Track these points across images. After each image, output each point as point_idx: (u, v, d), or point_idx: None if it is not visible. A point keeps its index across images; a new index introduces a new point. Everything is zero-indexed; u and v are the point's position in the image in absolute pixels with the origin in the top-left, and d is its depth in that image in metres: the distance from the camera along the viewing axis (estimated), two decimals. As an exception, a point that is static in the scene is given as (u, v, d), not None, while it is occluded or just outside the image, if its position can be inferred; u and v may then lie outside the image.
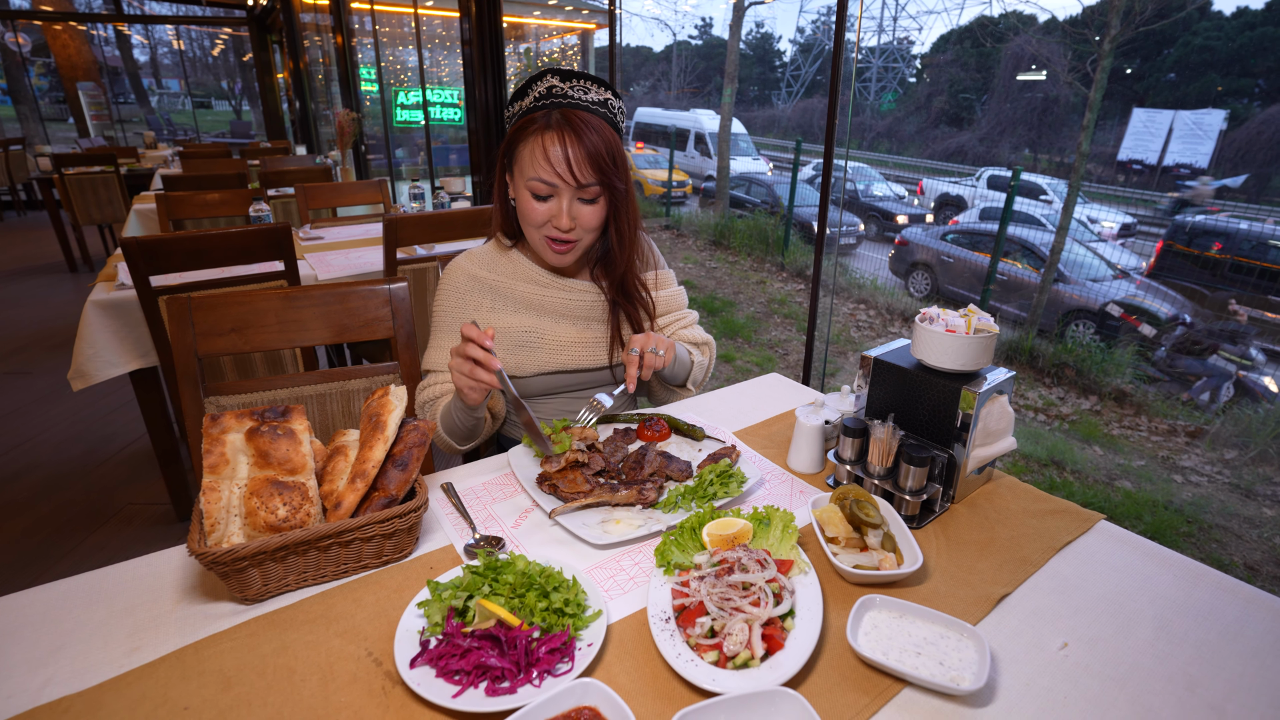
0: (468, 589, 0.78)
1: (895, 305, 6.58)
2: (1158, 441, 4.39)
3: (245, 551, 0.77)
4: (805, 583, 0.80)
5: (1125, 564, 0.87)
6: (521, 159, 1.15)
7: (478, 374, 1.01)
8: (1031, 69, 12.37)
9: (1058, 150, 12.27)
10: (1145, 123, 10.37)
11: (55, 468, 2.86)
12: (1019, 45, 12.27)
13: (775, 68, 25.13)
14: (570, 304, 1.29)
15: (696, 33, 25.87)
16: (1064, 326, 5.53)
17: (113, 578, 0.86)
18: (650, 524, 0.93)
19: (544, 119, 1.12)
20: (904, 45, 17.07)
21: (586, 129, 1.12)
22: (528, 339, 1.27)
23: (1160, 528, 3.26)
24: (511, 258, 1.30)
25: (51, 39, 12.67)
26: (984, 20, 13.42)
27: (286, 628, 0.78)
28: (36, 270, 6.15)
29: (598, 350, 1.32)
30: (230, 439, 0.84)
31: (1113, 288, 5.54)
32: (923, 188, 10.45)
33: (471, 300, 1.28)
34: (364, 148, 6.42)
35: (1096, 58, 6.47)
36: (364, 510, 0.88)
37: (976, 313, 0.98)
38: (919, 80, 16.71)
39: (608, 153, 1.13)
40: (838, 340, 6.15)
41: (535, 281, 1.29)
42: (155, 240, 1.95)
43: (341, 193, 3.47)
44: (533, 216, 1.17)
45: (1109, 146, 11.01)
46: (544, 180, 1.13)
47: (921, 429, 1.01)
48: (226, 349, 1.34)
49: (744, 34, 23.18)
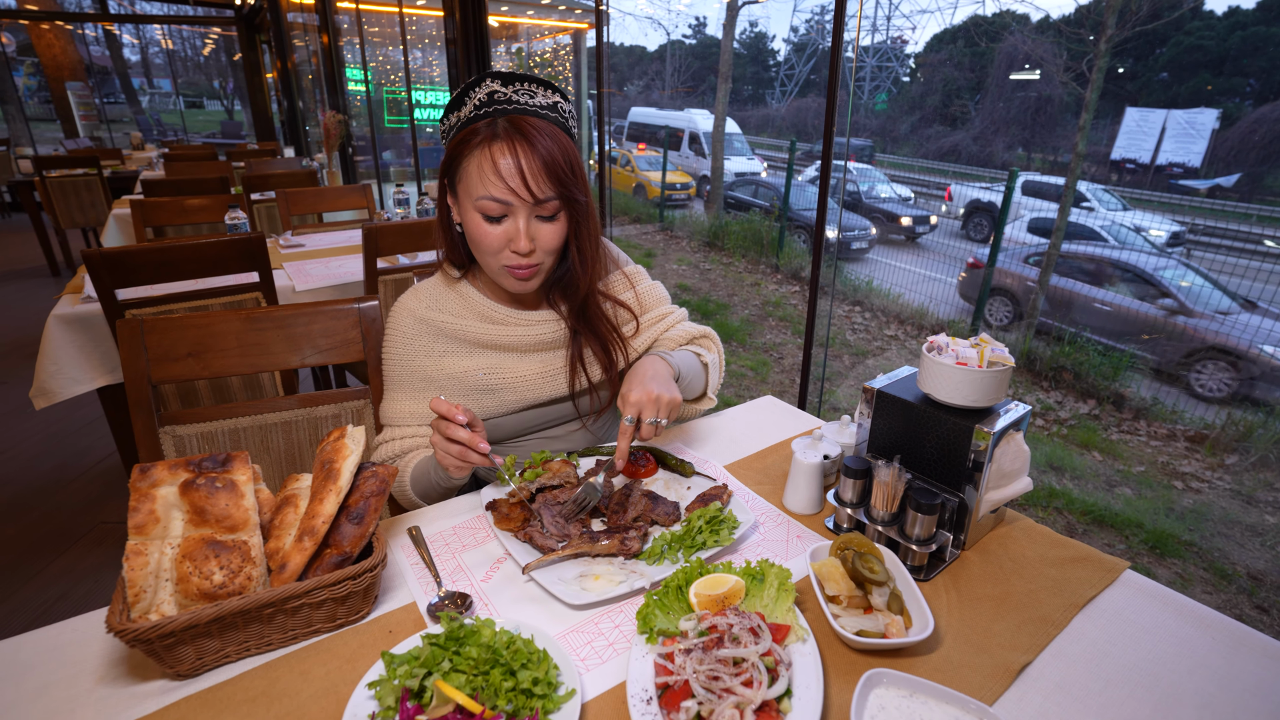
0: (426, 665, 0.69)
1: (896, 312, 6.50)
2: (1157, 447, 4.33)
3: (172, 626, 0.68)
4: (803, 653, 0.72)
5: (1157, 623, 0.79)
6: (467, 177, 1.01)
7: (468, 456, 0.92)
8: (1025, 68, 12.33)
9: (1051, 149, 12.23)
10: (1139, 122, 10.35)
11: (25, 483, 2.76)
12: (1013, 44, 12.22)
13: (769, 67, 25.06)
14: (531, 338, 1.15)
15: (690, 32, 25.74)
16: (1190, 369, 4.50)
17: (29, 647, 0.77)
18: (632, 579, 0.85)
19: (488, 129, 0.99)
20: (897, 45, 17.02)
21: (539, 136, 0.99)
22: (487, 382, 1.14)
23: (1161, 536, 3.19)
24: (461, 292, 1.16)
25: (37, 38, 12.48)
26: (977, 19, 13.36)
27: (222, 709, 0.69)
28: (17, 275, 6.02)
29: (564, 379, 1.19)
30: (161, 493, 0.75)
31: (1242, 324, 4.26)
32: (951, 194, 9.90)
33: (420, 345, 1.15)
34: (351, 150, 6.30)
35: (1092, 57, 6.41)
36: (314, 569, 0.79)
37: (990, 343, 0.90)
38: (912, 80, 16.66)
39: (565, 162, 1.00)
40: (833, 344, 6.08)
41: (489, 319, 1.15)
42: (120, 252, 1.85)
43: (324, 198, 3.37)
44: (486, 242, 1.02)
45: (1103, 146, 10.98)
46: (495, 199, 0.99)
47: (928, 468, 0.93)
48: (183, 375, 1.25)
49: (738, 33, 23.10)
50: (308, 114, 8.19)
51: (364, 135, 7.19)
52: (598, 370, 1.19)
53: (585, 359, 1.18)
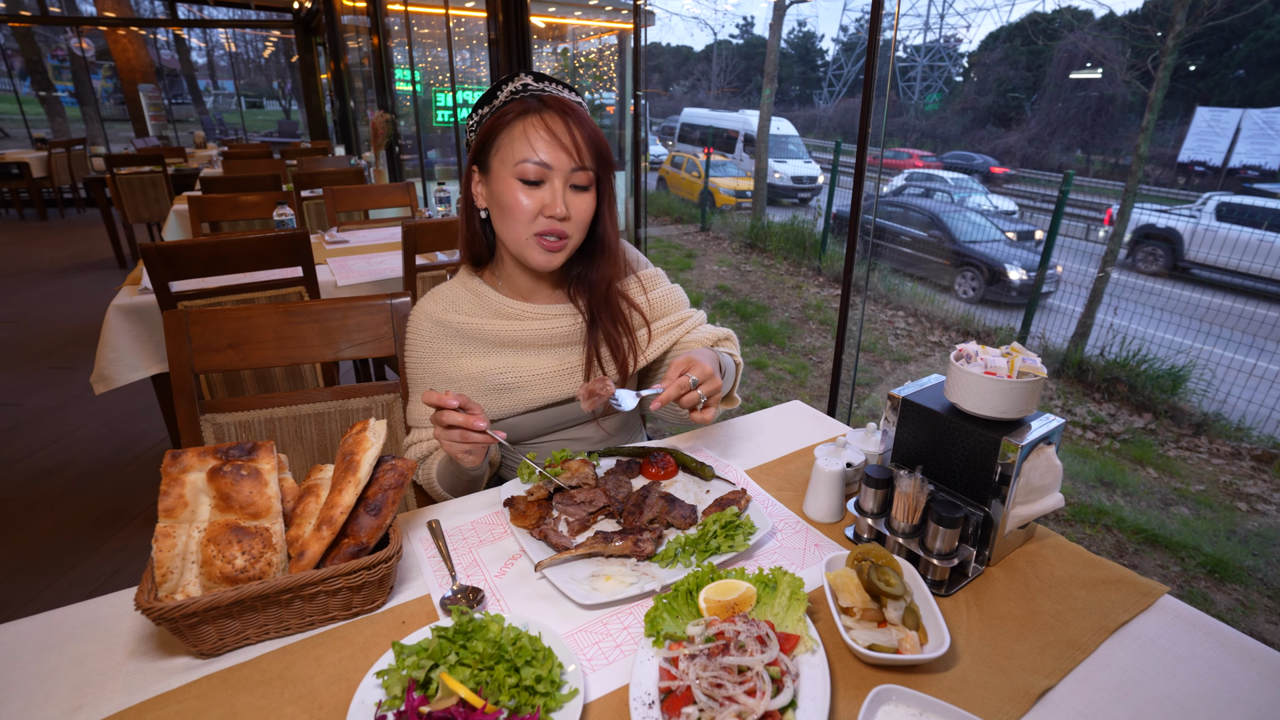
0: (433, 657, 0.70)
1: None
2: (1219, 465, 4.10)
3: (195, 607, 0.70)
4: (812, 664, 0.70)
5: (1195, 654, 0.75)
6: (506, 146, 1.04)
7: (470, 437, 0.94)
8: (1086, 67, 11.83)
9: (1112, 152, 11.70)
10: (1210, 122, 9.82)
11: (88, 464, 2.92)
12: (1073, 42, 11.74)
13: (817, 67, 24.71)
14: (548, 332, 1.16)
15: (737, 32, 25.55)
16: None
17: (71, 620, 0.81)
18: (644, 581, 0.84)
19: (525, 105, 1.04)
20: (951, 43, 16.54)
21: (581, 110, 1.05)
22: (504, 380, 1.14)
23: (1221, 560, 3.02)
24: (477, 291, 1.18)
25: (113, 44, 13.19)
26: (1036, 17, 12.87)
27: (239, 689, 0.72)
28: (88, 266, 6.36)
29: (580, 375, 1.19)
30: (191, 479, 0.78)
31: None
32: (1112, 215, 7.84)
33: (438, 347, 1.16)
34: (398, 149, 6.46)
35: (1158, 55, 6.10)
36: (332, 559, 0.81)
37: (1021, 352, 0.87)
38: (965, 79, 16.17)
39: (603, 140, 1.05)
40: (874, 349, 5.95)
41: (507, 315, 1.16)
42: (173, 246, 1.94)
43: (369, 195, 3.46)
44: (520, 210, 1.04)
45: (1168, 148, 10.46)
46: (539, 161, 1.01)
47: (954, 480, 0.90)
48: (224, 365, 1.30)
49: (786, 33, 22.80)
50: (358, 114, 8.44)
51: (411, 134, 7.37)
52: (613, 368, 1.19)
53: (601, 356, 1.19)
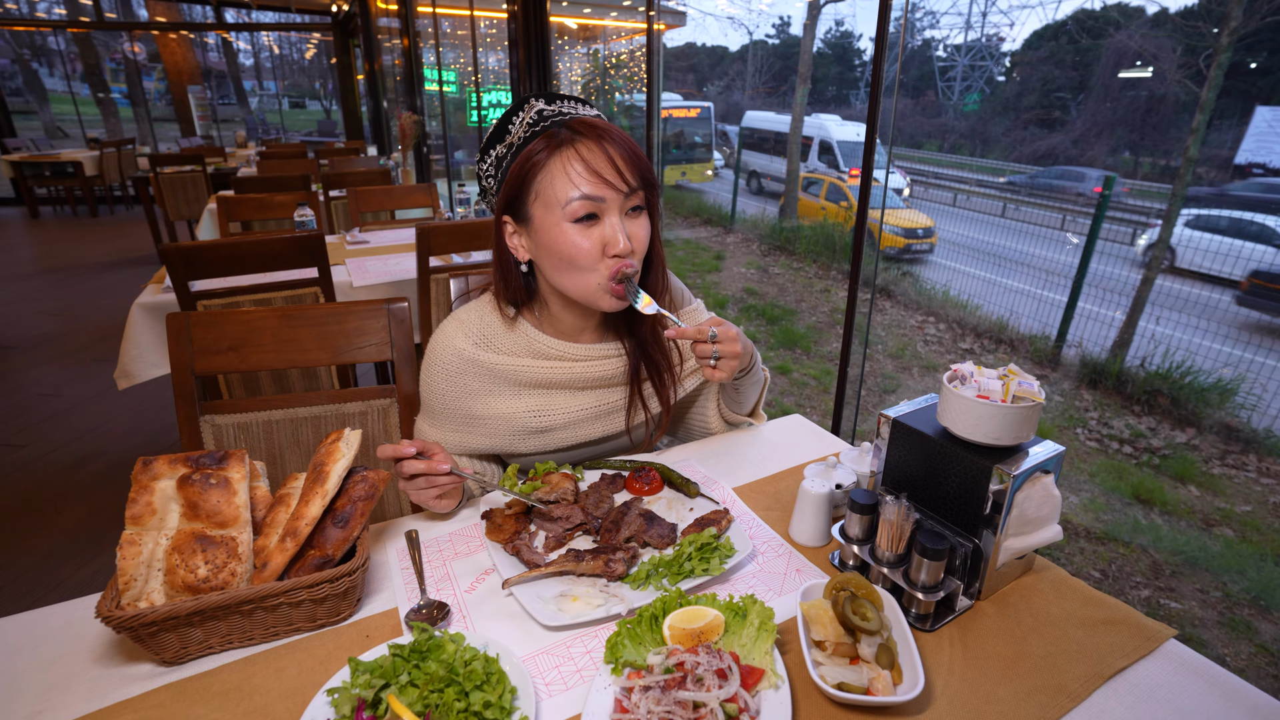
0: (385, 676, 0.69)
1: (967, 320, 6.15)
2: (1269, 485, 3.89)
3: (153, 616, 0.70)
4: (774, 702, 0.67)
5: (1198, 707, 0.69)
6: (544, 191, 0.94)
7: (434, 483, 0.92)
8: (1136, 65, 11.38)
9: (1162, 153, 11.24)
10: (1270, 122, 9.36)
11: (116, 456, 3.01)
12: (1121, 40, 11.30)
13: (854, 67, 24.31)
14: (590, 374, 1.09)
15: (774, 32, 25.29)
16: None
17: (48, 620, 0.82)
18: (611, 604, 0.82)
19: (553, 139, 0.94)
20: (993, 42, 16.09)
21: (611, 129, 0.95)
22: (537, 423, 1.08)
23: (1269, 585, 2.86)
24: (517, 328, 1.09)
25: (163, 47, 13.70)
26: (1083, 14, 12.44)
27: (196, 700, 0.72)
28: (131, 262, 6.60)
29: (622, 415, 1.14)
30: (160, 486, 0.78)
31: None
32: None
33: (463, 384, 1.08)
34: (425, 149, 6.55)
35: (1211, 52, 5.83)
36: (297, 569, 0.80)
37: (1018, 375, 0.82)
38: (1008, 79, 15.71)
39: (643, 156, 0.95)
40: (901, 355, 5.82)
41: (549, 356, 1.07)
42: (192, 247, 1.98)
43: (391, 196, 3.51)
44: (582, 256, 0.94)
45: (1225, 149, 10.00)
46: (589, 195, 0.92)
47: (945, 508, 0.86)
48: (224, 367, 1.32)
49: (823, 33, 22.47)
50: (390, 114, 8.58)
51: (440, 135, 7.47)
52: (655, 404, 1.16)
53: (644, 394, 1.14)
